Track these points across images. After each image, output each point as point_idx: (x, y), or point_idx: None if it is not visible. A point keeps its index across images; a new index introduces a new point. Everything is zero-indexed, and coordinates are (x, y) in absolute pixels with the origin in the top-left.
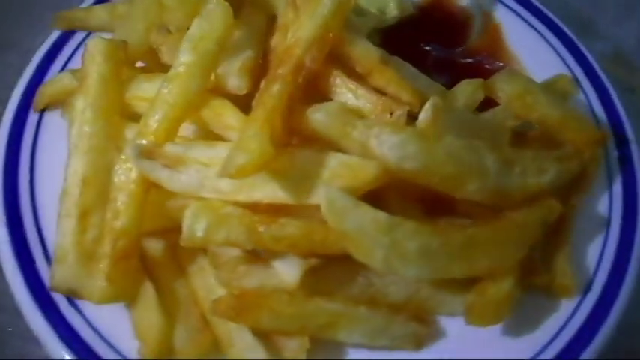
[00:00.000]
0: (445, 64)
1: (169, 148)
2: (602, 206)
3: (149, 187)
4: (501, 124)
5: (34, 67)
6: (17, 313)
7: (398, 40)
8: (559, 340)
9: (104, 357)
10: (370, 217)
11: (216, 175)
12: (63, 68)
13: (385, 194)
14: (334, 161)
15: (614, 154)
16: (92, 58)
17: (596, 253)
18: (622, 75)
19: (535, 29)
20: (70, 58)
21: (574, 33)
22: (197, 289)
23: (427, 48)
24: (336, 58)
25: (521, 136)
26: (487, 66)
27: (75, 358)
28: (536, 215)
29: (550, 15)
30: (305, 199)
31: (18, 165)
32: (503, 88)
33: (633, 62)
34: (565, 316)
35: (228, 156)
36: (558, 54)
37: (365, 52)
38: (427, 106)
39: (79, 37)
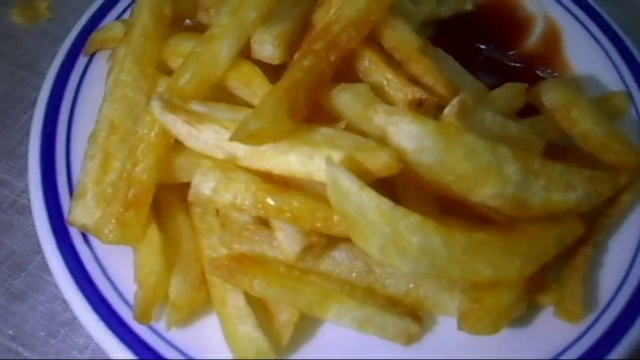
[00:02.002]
0: (496, 64)
1: (193, 106)
2: (632, 234)
3: (169, 141)
4: (536, 134)
5: (91, 13)
6: None
7: (451, 33)
8: None
9: (104, 293)
10: (374, 202)
11: (229, 139)
12: (118, 17)
13: (402, 184)
14: (349, 142)
15: None
16: (139, 10)
17: (617, 283)
18: None
19: (597, 41)
20: (126, 9)
21: None
22: (202, 247)
23: (481, 46)
24: (376, 42)
25: (559, 149)
26: (539, 73)
27: (76, 287)
28: (553, 232)
29: (616, 29)
30: (315, 175)
31: (60, 103)
32: (549, 96)
33: None
34: (570, 338)
35: (243, 120)
36: (617, 70)
37: (404, 39)
38: (454, 101)
39: None
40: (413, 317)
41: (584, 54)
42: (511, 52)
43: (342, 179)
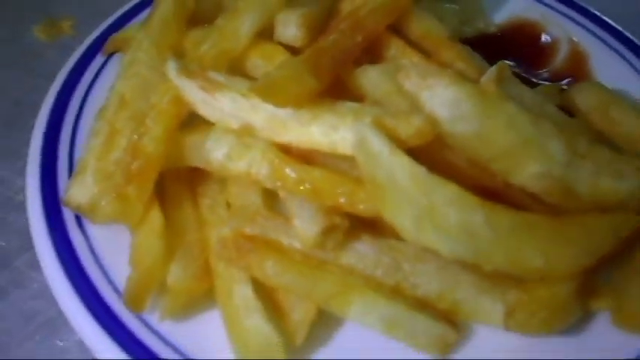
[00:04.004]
0: (523, 81)
1: (211, 73)
2: None
3: (181, 112)
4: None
5: (115, 18)
6: None
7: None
8: None
9: (93, 279)
10: (408, 169)
11: (249, 89)
12: None
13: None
14: (379, 111)
15: None
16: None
17: None
18: None
19: (625, 59)
20: None
21: None
22: (209, 237)
23: (508, 62)
24: (401, 34)
25: None
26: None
27: (65, 273)
28: (608, 222)
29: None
30: (339, 147)
31: (72, 95)
32: (584, 97)
33: None
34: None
35: (264, 73)
36: None
37: (432, 28)
38: (492, 68)
39: None
40: (448, 323)
41: (611, 72)
42: (538, 72)
43: (371, 139)
